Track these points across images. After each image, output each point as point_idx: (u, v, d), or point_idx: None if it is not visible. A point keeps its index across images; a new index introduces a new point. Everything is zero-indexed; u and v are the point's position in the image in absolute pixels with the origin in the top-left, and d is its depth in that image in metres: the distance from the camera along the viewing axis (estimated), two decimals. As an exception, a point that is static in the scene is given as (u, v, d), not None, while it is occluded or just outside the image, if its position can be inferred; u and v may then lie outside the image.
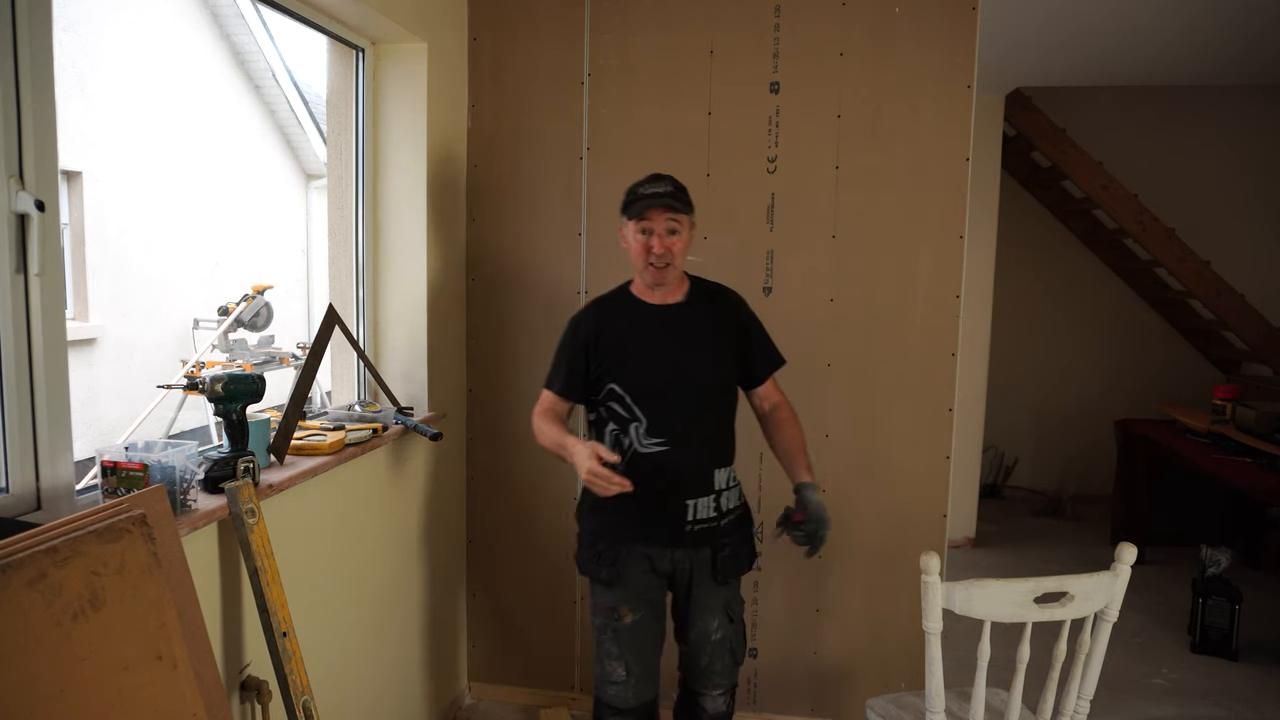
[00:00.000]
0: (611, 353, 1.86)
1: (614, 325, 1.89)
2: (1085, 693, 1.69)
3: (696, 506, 1.85)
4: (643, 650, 1.90)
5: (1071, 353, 5.53)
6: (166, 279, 5.49)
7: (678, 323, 1.89)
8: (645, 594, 1.89)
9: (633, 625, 1.88)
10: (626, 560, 1.87)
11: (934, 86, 2.42)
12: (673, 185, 1.82)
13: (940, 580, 1.59)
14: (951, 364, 2.49)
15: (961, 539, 4.57)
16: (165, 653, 1.14)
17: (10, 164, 1.24)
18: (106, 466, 1.37)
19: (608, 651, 1.90)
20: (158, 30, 5.48)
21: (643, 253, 1.82)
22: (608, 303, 1.96)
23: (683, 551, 1.88)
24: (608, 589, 1.89)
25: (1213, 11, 3.17)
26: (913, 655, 2.54)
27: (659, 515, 1.85)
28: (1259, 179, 5.11)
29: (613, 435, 1.86)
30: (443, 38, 2.45)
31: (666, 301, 1.90)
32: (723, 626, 1.92)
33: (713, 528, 1.88)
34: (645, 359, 1.86)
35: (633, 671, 1.88)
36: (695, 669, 1.96)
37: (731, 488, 1.93)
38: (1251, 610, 3.45)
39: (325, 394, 4.19)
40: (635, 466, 1.81)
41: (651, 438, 1.82)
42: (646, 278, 1.86)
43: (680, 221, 1.82)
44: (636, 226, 1.82)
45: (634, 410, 1.83)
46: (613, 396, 1.85)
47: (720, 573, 1.90)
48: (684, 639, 1.97)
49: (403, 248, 2.41)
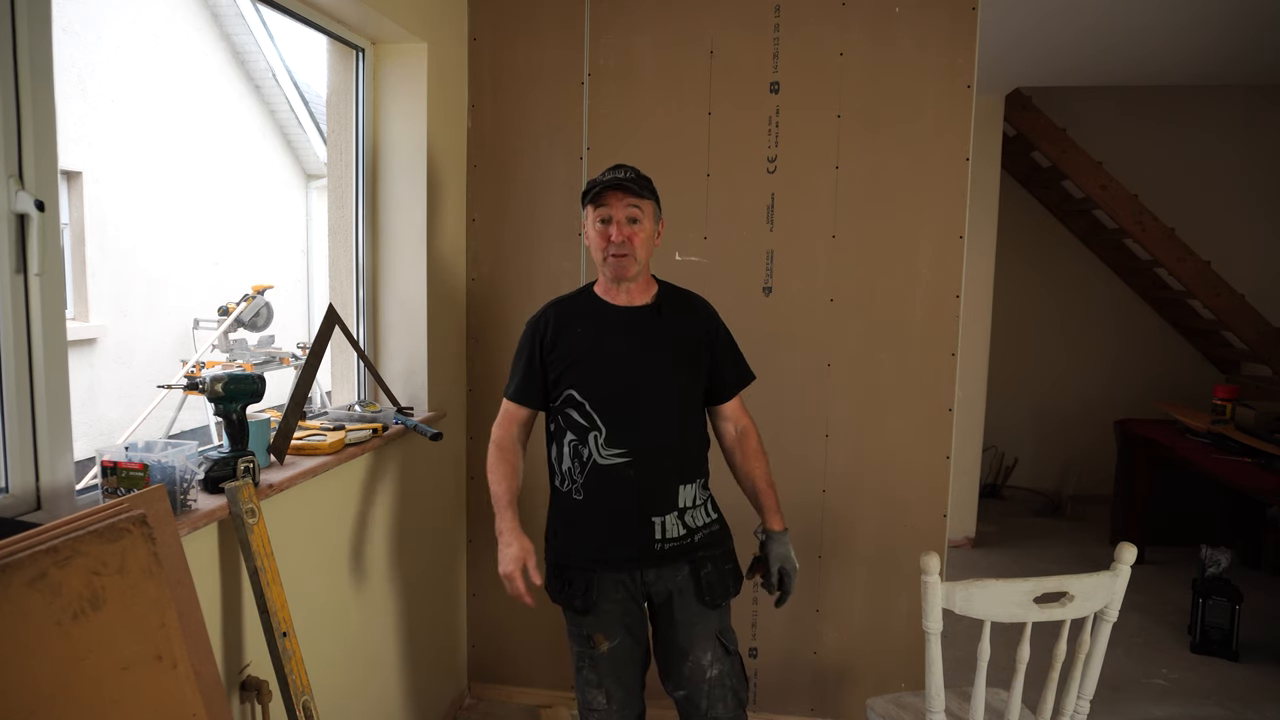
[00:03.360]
0: (569, 356, 1.75)
1: (572, 327, 1.77)
2: (1085, 693, 1.69)
3: (664, 524, 1.72)
4: (622, 674, 1.80)
5: (1071, 353, 5.53)
6: (166, 279, 5.50)
7: (641, 326, 1.77)
8: (621, 620, 1.77)
9: (610, 653, 1.77)
10: (598, 586, 1.74)
11: (934, 86, 2.42)
12: (633, 171, 1.74)
13: (940, 580, 1.59)
14: (951, 364, 2.49)
15: (961, 539, 4.57)
16: (165, 653, 1.14)
17: (10, 164, 1.24)
18: (106, 466, 1.37)
19: (587, 680, 1.80)
20: (158, 30, 5.49)
21: (601, 243, 1.72)
22: (567, 303, 1.84)
23: (655, 572, 1.74)
24: (581, 617, 1.77)
25: (1213, 11, 3.17)
26: (913, 655, 2.54)
27: (625, 534, 1.72)
28: (1259, 179, 5.11)
29: (571, 446, 1.74)
30: (443, 38, 2.45)
31: (632, 303, 1.78)
32: (718, 661, 1.76)
33: (685, 545, 1.74)
34: (606, 364, 1.73)
35: (614, 697, 1.79)
36: (694, 716, 1.78)
37: (698, 505, 1.78)
38: (1251, 610, 3.45)
39: (325, 394, 4.19)
40: (595, 480, 1.71)
41: (611, 448, 1.70)
42: (608, 271, 1.75)
43: (641, 209, 1.72)
44: (595, 215, 1.72)
45: (593, 418, 1.71)
46: (571, 403, 1.73)
47: (706, 593, 1.74)
48: (677, 679, 1.78)
49: (403, 248, 2.41)
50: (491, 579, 2.79)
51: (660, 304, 1.79)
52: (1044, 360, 5.55)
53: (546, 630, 2.77)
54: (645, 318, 1.77)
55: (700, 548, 1.76)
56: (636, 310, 1.78)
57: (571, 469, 1.74)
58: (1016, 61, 3.85)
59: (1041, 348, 5.54)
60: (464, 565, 2.79)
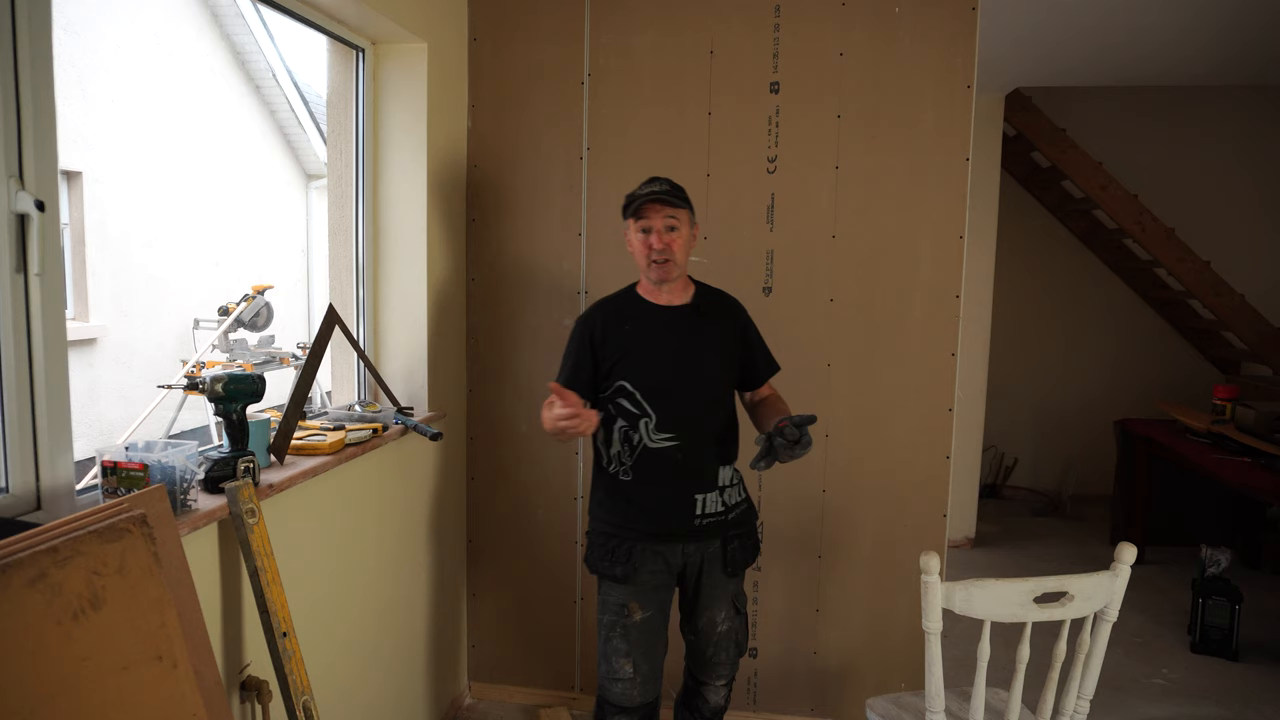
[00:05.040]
0: (620, 350, 1.92)
1: (620, 325, 1.95)
2: (1085, 692, 1.69)
3: (705, 501, 1.92)
4: (650, 649, 1.95)
5: (1071, 353, 5.53)
6: (167, 279, 5.49)
7: (683, 324, 1.95)
8: (656, 593, 1.95)
9: (642, 623, 1.93)
10: (639, 557, 1.92)
11: (934, 86, 2.42)
12: (668, 184, 1.89)
13: (940, 580, 1.59)
14: (951, 364, 2.49)
15: (961, 539, 4.57)
16: (165, 653, 1.14)
17: (10, 164, 1.24)
18: (106, 466, 1.37)
19: (615, 649, 1.94)
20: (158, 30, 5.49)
21: (644, 250, 1.89)
22: (613, 303, 2.02)
23: (694, 545, 1.94)
24: (619, 585, 1.93)
25: (1213, 11, 3.18)
26: (913, 655, 2.54)
27: (670, 510, 1.91)
28: (1259, 179, 5.11)
29: (621, 431, 1.91)
30: (443, 38, 2.45)
31: (672, 303, 1.96)
32: (729, 618, 2.00)
33: (721, 520, 1.95)
34: (654, 357, 1.91)
35: (640, 670, 1.93)
36: (701, 659, 2.03)
37: (734, 484, 1.99)
38: (1251, 610, 3.45)
39: (325, 394, 4.19)
40: (645, 462, 1.90)
41: (661, 433, 1.89)
42: (651, 275, 1.92)
43: (678, 218, 1.88)
44: (637, 226, 1.90)
45: (644, 406, 1.89)
46: (622, 393, 1.91)
47: (730, 564, 1.96)
48: (692, 629, 2.02)
49: (403, 248, 2.41)
50: (491, 579, 2.79)
51: (698, 303, 1.98)
52: (1044, 360, 5.55)
53: (546, 630, 2.78)
54: (686, 316, 1.96)
55: (733, 525, 1.97)
56: (677, 309, 1.96)
57: (621, 452, 1.92)
58: (1016, 61, 3.85)
59: (1041, 348, 5.54)
60: (464, 565, 2.79)
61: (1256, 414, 3.82)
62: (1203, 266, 4.56)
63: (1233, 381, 4.85)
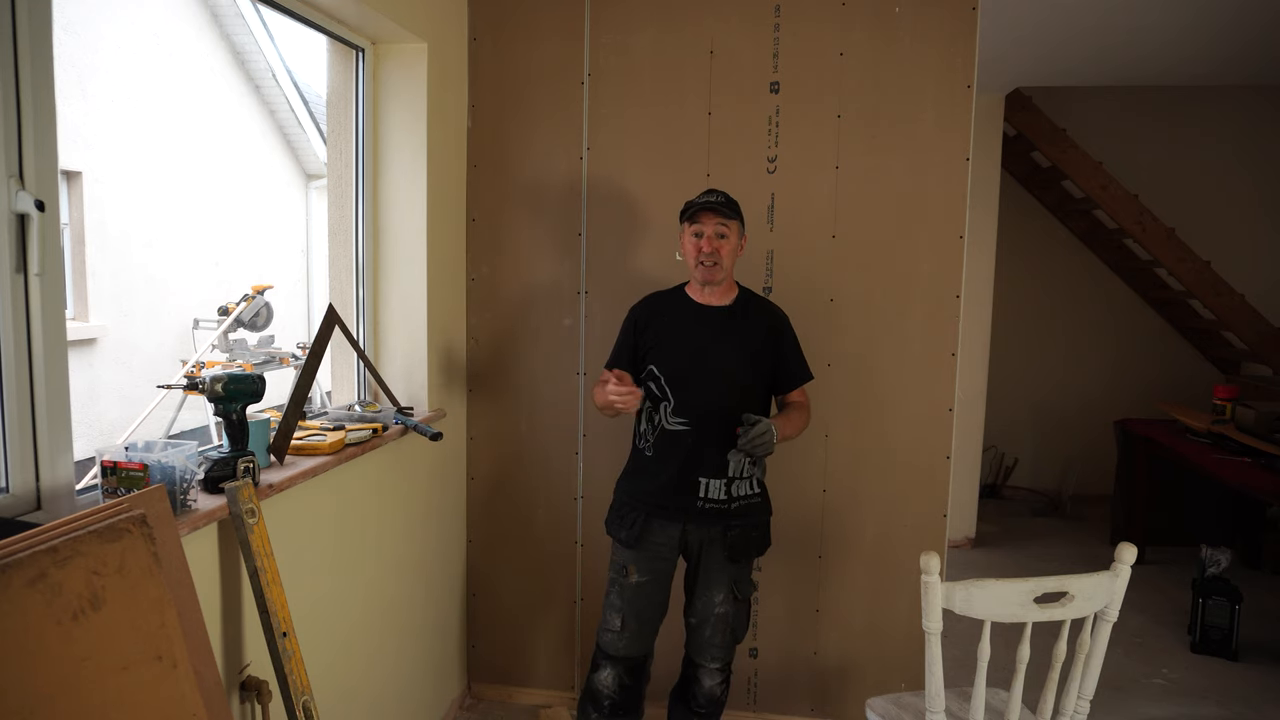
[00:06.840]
0: (655, 339, 2.12)
1: (661, 316, 2.15)
2: (1085, 693, 1.69)
3: (709, 485, 2.06)
4: (641, 609, 2.12)
5: (1071, 353, 5.53)
6: (167, 279, 5.49)
7: (716, 322, 2.11)
8: (655, 562, 2.11)
9: (635, 585, 2.11)
10: (645, 526, 2.10)
11: (934, 86, 2.42)
12: (724, 196, 2.06)
13: (940, 580, 1.59)
14: (951, 364, 2.49)
15: (961, 539, 4.57)
16: (165, 653, 1.14)
17: (10, 164, 1.24)
18: (106, 466, 1.37)
19: (611, 604, 2.14)
20: (158, 30, 5.48)
21: (694, 253, 2.06)
22: (661, 296, 2.21)
23: (695, 526, 2.09)
24: (624, 548, 2.13)
25: (1213, 11, 3.18)
26: (913, 655, 2.54)
27: (677, 489, 2.07)
28: (1259, 179, 5.11)
29: (647, 412, 2.11)
30: (443, 38, 2.45)
31: (713, 303, 2.12)
32: (726, 602, 2.11)
33: (723, 509, 2.07)
34: (680, 348, 2.09)
35: (628, 625, 2.12)
36: (697, 640, 2.16)
37: (746, 478, 2.09)
38: (1251, 610, 3.46)
39: (325, 394, 4.19)
40: (663, 442, 2.08)
41: (676, 417, 2.06)
42: (698, 275, 2.08)
43: (729, 227, 2.05)
44: (690, 229, 2.06)
45: (665, 391, 2.07)
46: (651, 377, 2.10)
47: (729, 549, 2.08)
48: (691, 609, 2.16)
49: (403, 248, 2.41)
50: (491, 579, 2.79)
51: (736, 306, 2.13)
52: (1044, 360, 5.55)
53: (546, 630, 2.78)
54: (722, 315, 2.12)
55: (735, 515, 2.09)
56: (714, 309, 2.12)
57: (646, 430, 2.13)
58: (1016, 61, 3.85)
59: (1041, 348, 5.54)
60: (464, 565, 2.79)
61: (1256, 414, 3.82)
62: (1203, 266, 4.56)
63: (1233, 381, 4.84)
